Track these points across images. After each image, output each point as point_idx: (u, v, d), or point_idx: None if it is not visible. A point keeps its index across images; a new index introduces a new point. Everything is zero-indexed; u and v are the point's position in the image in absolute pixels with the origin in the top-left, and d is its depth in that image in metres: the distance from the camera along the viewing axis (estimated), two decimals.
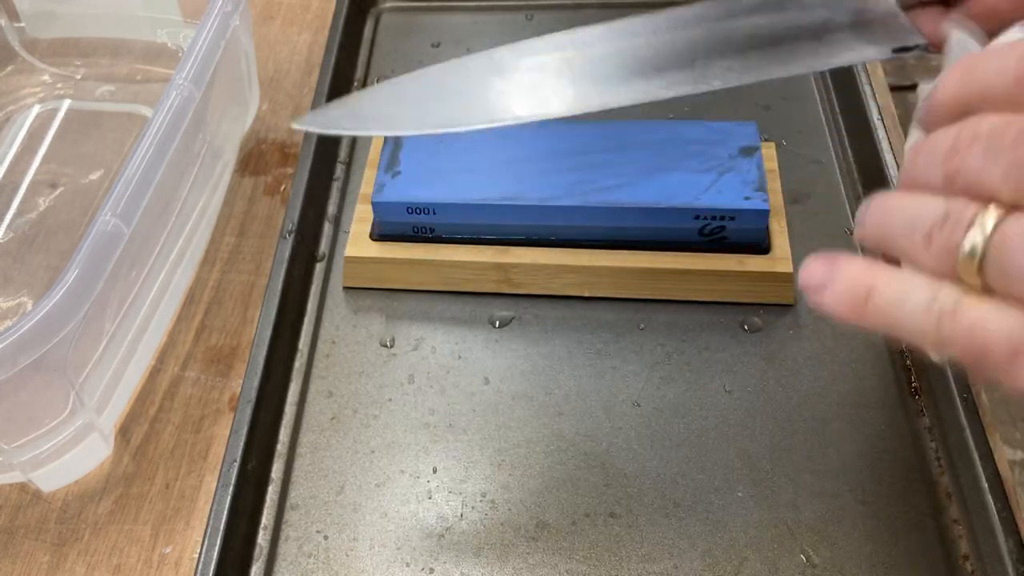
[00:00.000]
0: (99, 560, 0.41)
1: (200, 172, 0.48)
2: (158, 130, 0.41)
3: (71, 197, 0.55)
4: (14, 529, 0.42)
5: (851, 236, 0.51)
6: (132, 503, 0.43)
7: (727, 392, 0.45)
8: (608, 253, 0.47)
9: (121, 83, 0.61)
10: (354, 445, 0.44)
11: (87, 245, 0.37)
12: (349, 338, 0.48)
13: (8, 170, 0.56)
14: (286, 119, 0.59)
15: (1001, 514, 0.38)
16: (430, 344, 0.47)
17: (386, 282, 0.49)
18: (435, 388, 0.46)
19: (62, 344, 0.35)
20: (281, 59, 0.63)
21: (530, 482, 0.42)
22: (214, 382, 0.47)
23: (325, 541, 0.41)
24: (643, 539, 0.40)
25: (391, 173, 0.47)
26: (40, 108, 0.60)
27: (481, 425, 0.44)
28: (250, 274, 0.51)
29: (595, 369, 0.46)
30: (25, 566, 0.41)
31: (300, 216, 0.50)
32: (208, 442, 0.45)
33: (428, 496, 0.42)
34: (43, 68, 0.62)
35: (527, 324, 0.48)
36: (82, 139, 0.58)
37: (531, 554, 0.40)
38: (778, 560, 0.39)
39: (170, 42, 0.59)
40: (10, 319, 0.49)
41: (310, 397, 0.46)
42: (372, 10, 0.65)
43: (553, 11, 0.65)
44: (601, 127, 0.50)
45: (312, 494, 0.42)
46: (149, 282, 0.43)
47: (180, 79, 0.43)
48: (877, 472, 0.42)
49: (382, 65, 0.62)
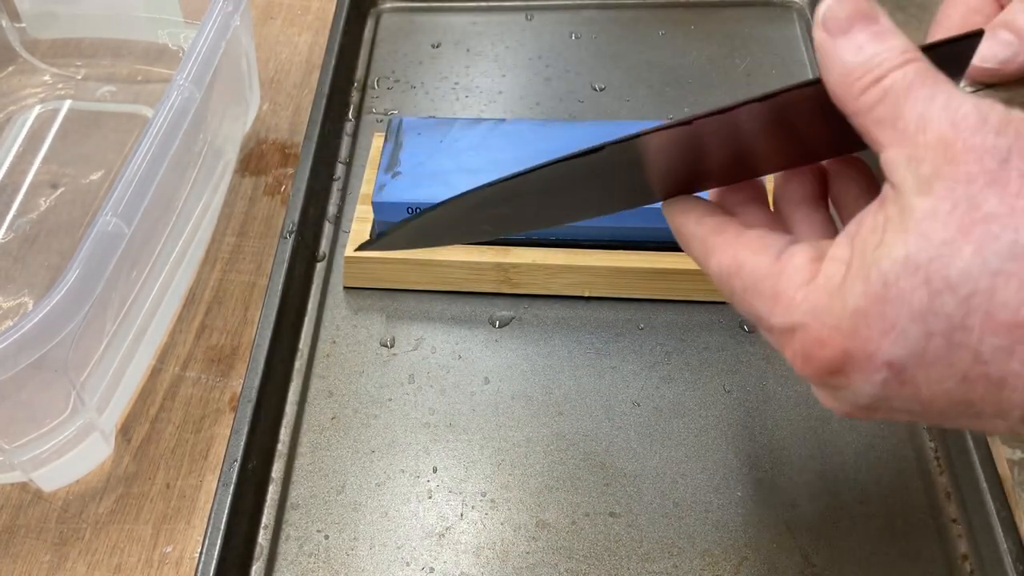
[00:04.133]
0: (100, 559, 0.41)
1: (200, 172, 0.48)
2: (159, 130, 0.41)
3: (72, 197, 0.55)
4: (15, 529, 0.42)
5: None
6: (133, 503, 0.43)
7: (727, 392, 0.45)
8: (608, 253, 0.47)
9: (122, 83, 0.61)
10: (354, 445, 0.44)
11: (88, 245, 0.37)
12: (349, 338, 0.48)
13: (9, 170, 0.56)
14: (286, 119, 0.59)
15: (1000, 514, 0.38)
16: (430, 344, 0.47)
17: (386, 282, 0.49)
18: (435, 388, 0.46)
19: (63, 344, 0.36)
20: (281, 59, 0.63)
21: (530, 482, 0.42)
22: (214, 382, 0.47)
23: (326, 541, 0.41)
24: (643, 539, 0.40)
25: (391, 173, 0.47)
26: (41, 108, 0.60)
27: (481, 425, 0.44)
28: (250, 274, 0.51)
29: (595, 369, 0.46)
30: (26, 565, 0.41)
31: (300, 216, 0.50)
32: (209, 442, 0.45)
33: (428, 496, 0.42)
34: (44, 68, 0.62)
35: (527, 324, 0.48)
36: (83, 139, 0.58)
37: (531, 554, 0.40)
38: (778, 560, 0.39)
39: (171, 43, 0.59)
40: (11, 319, 0.49)
41: (310, 397, 0.46)
42: (372, 10, 0.66)
43: (553, 11, 0.65)
44: (601, 127, 0.50)
45: (312, 494, 0.42)
46: (150, 282, 0.44)
47: (181, 79, 0.43)
48: (876, 472, 0.42)
49: (382, 65, 0.62)
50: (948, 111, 0.25)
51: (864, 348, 0.25)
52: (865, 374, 0.25)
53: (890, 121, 0.26)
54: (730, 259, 0.29)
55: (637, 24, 0.64)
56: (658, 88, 0.60)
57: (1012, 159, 0.24)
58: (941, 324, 0.24)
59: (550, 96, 0.59)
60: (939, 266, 0.24)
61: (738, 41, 0.62)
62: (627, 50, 0.62)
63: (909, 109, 0.25)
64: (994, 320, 0.24)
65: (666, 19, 0.64)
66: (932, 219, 0.24)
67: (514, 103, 0.59)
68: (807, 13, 0.63)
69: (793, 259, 0.28)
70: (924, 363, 0.24)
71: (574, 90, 0.60)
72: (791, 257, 0.28)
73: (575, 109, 0.59)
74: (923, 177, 0.25)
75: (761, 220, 0.33)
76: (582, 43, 0.63)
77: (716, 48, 0.62)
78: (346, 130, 0.58)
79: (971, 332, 0.24)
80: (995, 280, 0.23)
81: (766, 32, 0.63)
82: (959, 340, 0.24)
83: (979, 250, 0.24)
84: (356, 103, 0.59)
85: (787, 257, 0.28)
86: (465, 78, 0.61)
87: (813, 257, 0.28)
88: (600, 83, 0.60)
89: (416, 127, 0.50)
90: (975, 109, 0.25)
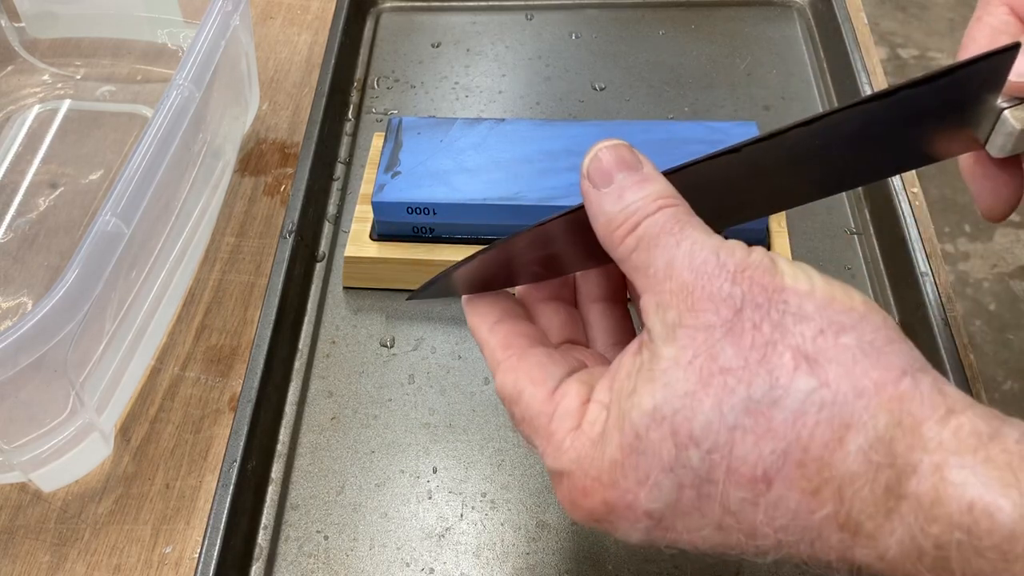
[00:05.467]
0: (99, 560, 0.41)
1: (200, 172, 0.48)
2: (158, 130, 0.41)
3: (71, 197, 0.55)
4: (14, 529, 0.42)
5: (851, 236, 0.51)
6: (132, 503, 0.43)
7: None
8: None
9: (121, 83, 0.61)
10: (354, 445, 0.44)
11: (87, 245, 0.37)
12: (349, 338, 0.48)
13: (8, 170, 0.56)
14: (286, 119, 0.59)
15: None
16: (430, 344, 0.47)
17: (386, 282, 0.49)
18: (435, 388, 0.46)
19: (62, 344, 0.35)
20: (281, 59, 0.63)
21: (530, 482, 0.42)
22: (214, 382, 0.47)
23: (325, 541, 0.41)
24: None
25: (391, 173, 0.47)
26: (40, 108, 0.60)
27: (481, 425, 0.44)
28: (250, 274, 0.51)
29: None
30: (25, 566, 0.41)
31: (300, 216, 0.50)
32: (208, 442, 0.45)
33: (428, 496, 0.42)
34: (43, 68, 0.62)
35: None
36: (82, 139, 0.58)
37: (531, 555, 0.40)
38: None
39: (170, 42, 0.59)
40: (10, 319, 0.49)
41: (310, 397, 0.46)
42: (372, 10, 0.65)
43: (553, 11, 0.65)
44: (602, 127, 0.50)
45: (312, 494, 0.42)
46: (149, 282, 0.43)
47: (180, 79, 0.43)
48: None
49: (382, 65, 0.62)
50: (690, 257, 0.25)
51: (623, 499, 0.25)
52: (628, 522, 0.26)
53: (643, 268, 0.26)
54: (512, 383, 0.30)
55: (637, 24, 0.64)
56: (658, 88, 0.59)
57: (745, 309, 0.24)
58: (690, 477, 0.24)
59: (550, 96, 0.59)
60: (682, 419, 0.24)
61: (738, 41, 0.62)
62: (627, 50, 0.62)
63: (658, 256, 0.26)
64: (736, 474, 0.24)
65: (666, 19, 0.64)
66: (675, 368, 0.25)
67: (514, 103, 0.59)
68: (808, 13, 0.63)
69: (565, 399, 0.28)
70: (680, 513, 0.25)
71: (574, 90, 0.60)
72: (564, 397, 0.28)
73: (575, 109, 0.58)
74: (668, 324, 0.25)
75: (557, 321, 0.33)
76: (582, 43, 0.63)
77: (716, 48, 0.62)
78: (346, 130, 0.58)
79: (717, 485, 0.24)
80: (733, 435, 0.24)
81: (766, 32, 0.63)
82: (707, 492, 0.24)
83: (717, 404, 0.24)
84: (356, 103, 0.59)
85: (560, 395, 0.28)
86: (465, 78, 0.61)
87: (583, 399, 0.28)
88: (600, 83, 0.60)
89: (416, 127, 0.49)
90: (714, 255, 0.25)
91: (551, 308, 0.33)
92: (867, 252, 0.50)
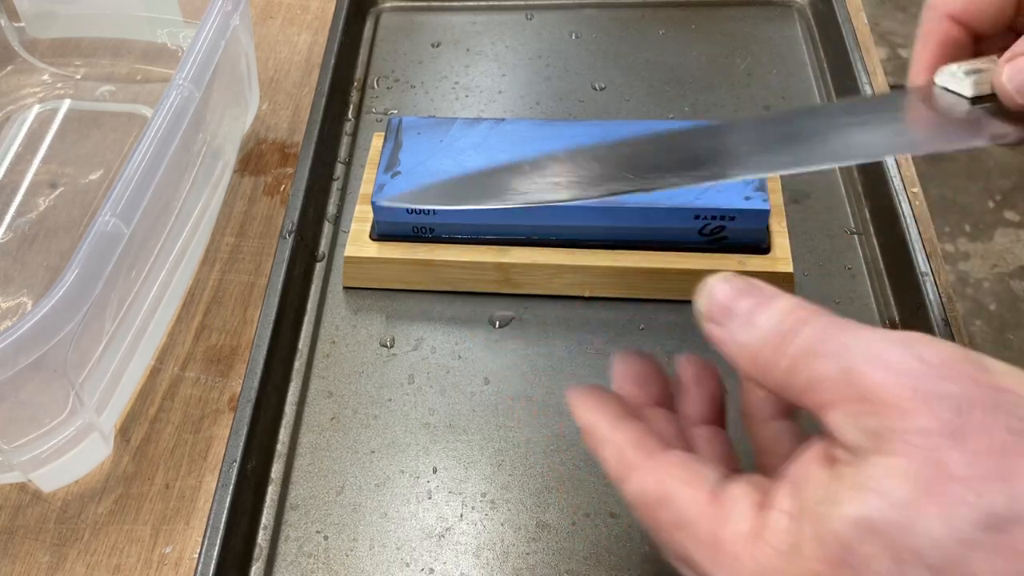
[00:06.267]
0: (99, 560, 0.41)
1: (200, 172, 0.48)
2: (158, 130, 0.41)
3: (71, 197, 0.55)
4: (14, 529, 0.42)
5: (851, 236, 0.51)
6: (132, 503, 0.43)
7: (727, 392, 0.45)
8: (608, 253, 0.47)
9: (121, 83, 0.61)
10: (354, 445, 0.44)
11: (87, 245, 0.37)
12: (349, 338, 0.48)
13: (8, 170, 0.56)
14: (286, 119, 0.59)
15: None
16: (430, 344, 0.47)
17: (386, 282, 0.49)
18: (435, 388, 0.45)
19: (62, 344, 0.35)
20: (281, 59, 0.63)
21: (530, 482, 0.42)
22: (214, 382, 0.47)
23: (325, 541, 0.41)
24: (643, 539, 0.40)
25: (391, 173, 0.47)
26: (40, 108, 0.60)
27: (481, 425, 0.44)
28: (250, 274, 0.51)
29: (595, 369, 0.46)
30: (25, 566, 0.41)
31: (300, 216, 0.50)
32: (208, 442, 0.45)
33: (428, 496, 0.42)
34: (43, 68, 0.62)
35: (527, 324, 0.48)
36: (82, 139, 0.58)
37: (531, 555, 0.40)
38: None
39: (170, 42, 0.59)
40: (10, 319, 0.49)
41: (310, 397, 0.46)
42: (372, 10, 0.65)
43: (553, 11, 0.65)
44: (601, 127, 0.50)
45: (312, 494, 0.42)
46: (149, 282, 0.43)
47: (180, 79, 0.43)
48: None
49: (382, 65, 0.62)
50: (877, 357, 0.23)
51: None
52: None
53: (811, 385, 0.24)
54: (655, 485, 0.27)
55: (637, 24, 0.64)
56: (658, 88, 0.59)
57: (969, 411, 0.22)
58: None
59: (550, 95, 0.59)
60: (902, 532, 0.22)
61: (738, 41, 0.62)
62: (627, 50, 0.62)
63: (826, 367, 0.24)
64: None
65: (666, 19, 0.64)
66: (888, 476, 0.22)
67: (514, 103, 0.59)
68: (808, 13, 0.63)
69: (737, 504, 0.26)
70: None
71: (574, 90, 0.60)
72: (733, 501, 0.26)
73: (575, 109, 0.58)
74: (870, 431, 0.23)
75: (669, 430, 0.31)
76: (582, 43, 0.63)
77: (716, 48, 0.62)
78: (346, 130, 0.58)
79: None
80: (968, 552, 0.21)
81: (767, 32, 0.62)
82: None
83: (945, 517, 0.21)
84: (356, 103, 0.59)
85: (728, 499, 0.26)
86: (465, 78, 0.61)
87: (757, 503, 0.25)
88: (600, 83, 0.60)
89: (416, 126, 0.49)
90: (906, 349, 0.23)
91: (660, 414, 0.31)
92: (867, 252, 0.50)
